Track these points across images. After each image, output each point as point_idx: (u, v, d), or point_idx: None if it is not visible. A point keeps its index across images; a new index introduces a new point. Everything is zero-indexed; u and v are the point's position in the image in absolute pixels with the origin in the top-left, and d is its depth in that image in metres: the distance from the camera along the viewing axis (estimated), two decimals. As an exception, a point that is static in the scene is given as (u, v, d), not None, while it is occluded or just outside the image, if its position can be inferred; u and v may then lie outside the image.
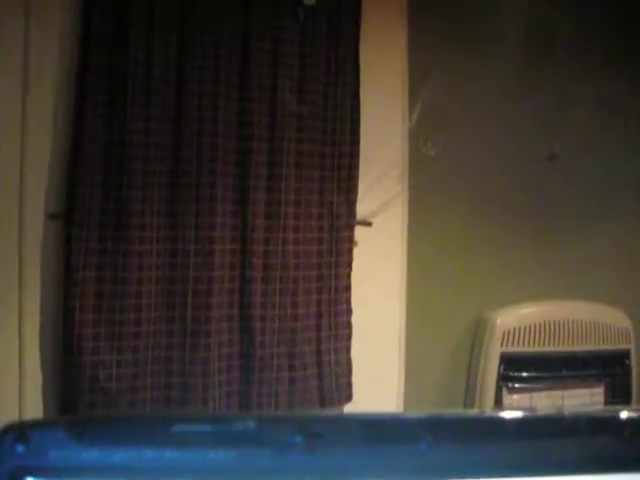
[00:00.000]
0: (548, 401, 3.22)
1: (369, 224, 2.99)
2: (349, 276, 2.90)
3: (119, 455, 0.55)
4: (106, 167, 2.53)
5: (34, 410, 2.51)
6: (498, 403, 3.14)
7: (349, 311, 2.91)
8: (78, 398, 2.49)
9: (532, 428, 0.57)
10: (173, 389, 2.62)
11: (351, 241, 2.91)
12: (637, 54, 3.43)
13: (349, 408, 2.91)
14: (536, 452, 0.58)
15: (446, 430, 0.56)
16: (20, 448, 0.56)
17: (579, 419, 0.56)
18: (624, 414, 0.56)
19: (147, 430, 0.55)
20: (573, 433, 0.57)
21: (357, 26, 2.90)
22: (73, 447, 0.55)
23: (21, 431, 0.57)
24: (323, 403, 2.85)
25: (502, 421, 0.57)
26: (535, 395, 3.22)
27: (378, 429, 0.57)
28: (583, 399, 3.28)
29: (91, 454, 0.55)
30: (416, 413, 0.55)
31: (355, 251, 2.92)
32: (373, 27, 2.94)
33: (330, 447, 0.55)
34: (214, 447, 0.56)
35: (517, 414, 0.56)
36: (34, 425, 0.59)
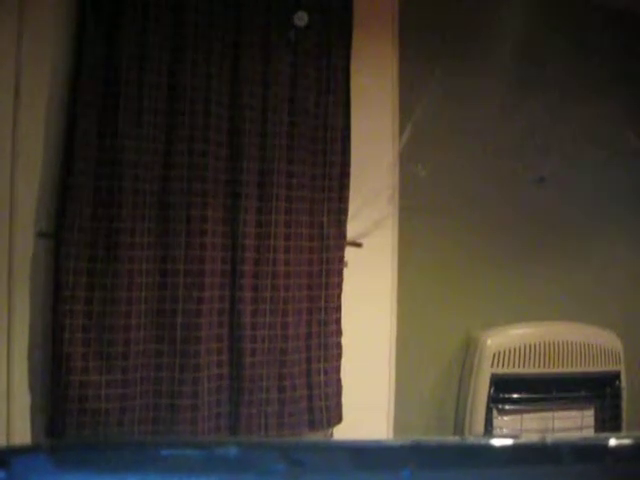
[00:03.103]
0: (538, 423, 3.21)
1: (359, 245, 2.99)
2: (339, 297, 2.90)
3: (101, 482, 0.55)
4: (96, 185, 2.53)
5: (22, 430, 2.49)
6: (488, 425, 3.13)
7: (339, 332, 2.90)
8: (66, 418, 2.47)
9: (515, 456, 0.56)
10: (162, 410, 2.61)
11: (341, 262, 2.91)
12: (625, 76, 3.46)
13: (339, 429, 2.90)
14: None
15: (429, 458, 0.55)
16: (2, 474, 0.55)
17: (562, 447, 0.56)
18: (606, 442, 0.56)
19: (129, 456, 0.55)
20: (556, 461, 0.57)
21: (348, 47, 2.91)
22: (55, 473, 0.55)
23: (3, 456, 0.57)
24: (313, 424, 2.84)
25: (485, 449, 0.57)
26: (525, 417, 3.22)
27: (361, 456, 0.56)
28: (574, 421, 3.28)
29: (73, 480, 0.55)
30: (399, 440, 0.55)
31: (345, 272, 2.92)
32: (364, 48, 2.96)
33: (313, 475, 0.55)
34: (197, 473, 0.55)
35: (500, 442, 0.56)
36: (16, 451, 0.58)
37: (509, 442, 0.59)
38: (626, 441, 0.54)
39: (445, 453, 0.58)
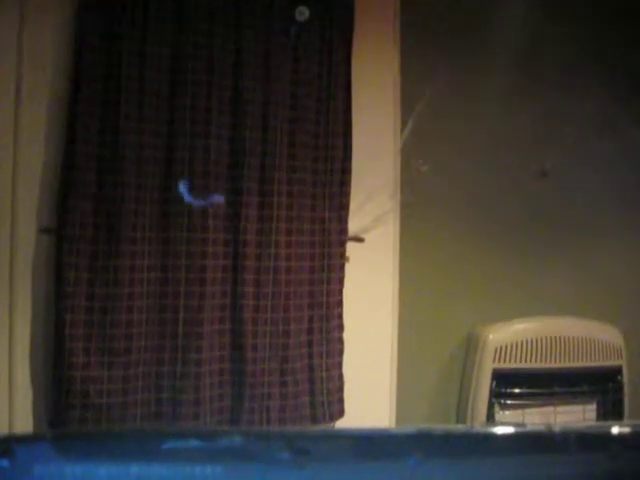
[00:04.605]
0: (540, 417, 3.21)
1: (361, 240, 2.98)
2: (341, 292, 2.90)
3: (104, 470, 0.55)
4: (98, 181, 2.53)
5: (24, 426, 2.49)
6: (490, 419, 3.13)
7: (341, 327, 2.90)
8: (68, 413, 2.47)
9: (521, 444, 0.56)
10: (164, 405, 2.61)
11: (343, 257, 2.91)
12: (628, 69, 3.45)
13: (341, 424, 2.90)
14: (525, 468, 0.57)
15: (435, 446, 0.55)
16: (5, 463, 0.55)
17: (568, 435, 0.56)
18: (612, 430, 0.56)
19: (132, 445, 0.54)
20: (562, 449, 0.56)
21: (349, 42, 2.91)
22: (58, 462, 0.55)
23: (7, 445, 0.57)
24: (315, 419, 2.84)
25: (491, 437, 0.56)
26: (527, 411, 3.21)
27: (366, 445, 0.56)
28: (575, 415, 3.28)
29: (76, 469, 0.55)
30: (404, 429, 0.55)
31: (347, 267, 2.92)
32: (365, 43, 2.95)
33: (318, 463, 0.54)
34: (201, 462, 0.55)
35: (506, 430, 0.55)
36: (20, 440, 0.58)
37: (515, 430, 0.59)
38: (632, 429, 0.54)
39: (451, 441, 0.58)
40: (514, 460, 0.58)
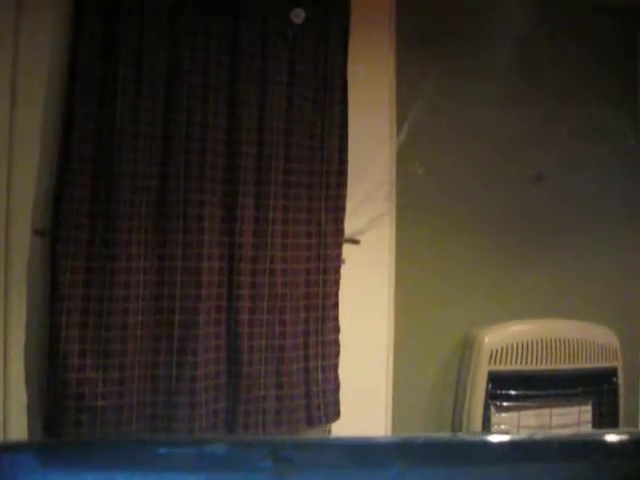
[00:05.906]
0: (536, 419, 3.22)
1: (357, 242, 2.99)
2: (337, 294, 2.90)
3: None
4: (93, 183, 2.52)
5: (19, 428, 2.49)
6: (486, 421, 3.13)
7: (337, 329, 2.90)
8: (63, 416, 2.47)
9: (504, 452, 0.56)
10: (159, 407, 2.61)
11: (339, 259, 2.91)
12: (623, 73, 3.46)
13: (337, 426, 2.90)
14: (508, 476, 0.57)
15: (418, 455, 0.55)
16: (-11, 471, 0.55)
17: (551, 444, 0.56)
18: (595, 439, 0.56)
19: (116, 454, 0.55)
20: (545, 458, 0.57)
21: (345, 44, 2.91)
22: (42, 472, 0.55)
23: (-9, 454, 0.57)
24: (311, 421, 2.84)
25: (474, 445, 0.57)
26: (523, 413, 3.22)
27: (349, 454, 0.56)
28: (571, 417, 3.28)
29: (60, 479, 0.55)
30: (388, 438, 0.55)
31: (343, 269, 2.92)
32: (361, 45, 2.95)
33: (300, 472, 0.55)
34: (184, 471, 0.55)
35: (489, 439, 0.56)
36: (4, 449, 0.58)
37: (498, 439, 0.59)
38: (614, 437, 0.54)
39: (434, 450, 0.58)
40: (497, 469, 0.58)
